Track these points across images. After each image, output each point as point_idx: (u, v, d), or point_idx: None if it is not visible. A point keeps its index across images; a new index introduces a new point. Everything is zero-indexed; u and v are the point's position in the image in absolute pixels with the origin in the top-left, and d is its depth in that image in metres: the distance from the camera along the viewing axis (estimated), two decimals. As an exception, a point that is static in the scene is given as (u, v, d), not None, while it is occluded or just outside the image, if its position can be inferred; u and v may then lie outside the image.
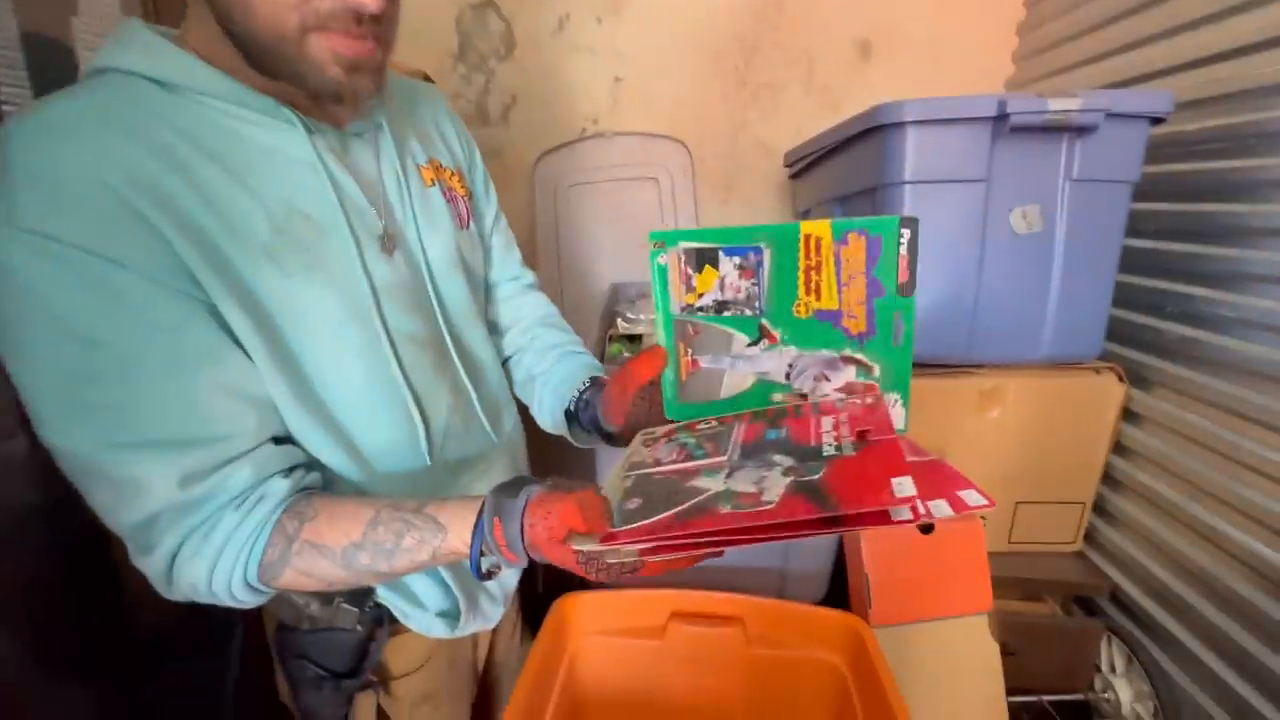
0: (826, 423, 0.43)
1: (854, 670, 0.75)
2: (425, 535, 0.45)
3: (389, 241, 0.55)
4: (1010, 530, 1.06)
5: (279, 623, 0.58)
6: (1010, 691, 0.89)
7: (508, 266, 0.75)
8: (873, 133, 0.94)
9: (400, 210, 0.57)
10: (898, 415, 0.41)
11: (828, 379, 0.43)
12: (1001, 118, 0.85)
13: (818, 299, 0.44)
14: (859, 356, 0.42)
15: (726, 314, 0.47)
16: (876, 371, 0.42)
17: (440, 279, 0.60)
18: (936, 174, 0.90)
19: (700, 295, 0.47)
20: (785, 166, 1.48)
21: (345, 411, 0.52)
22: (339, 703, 0.58)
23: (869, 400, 0.46)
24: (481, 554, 0.45)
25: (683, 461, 0.44)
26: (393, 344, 0.53)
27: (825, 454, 0.39)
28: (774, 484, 0.37)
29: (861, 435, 0.40)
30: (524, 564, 0.44)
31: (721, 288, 0.46)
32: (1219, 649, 0.85)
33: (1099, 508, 1.07)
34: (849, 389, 0.43)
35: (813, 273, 0.44)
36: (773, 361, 0.45)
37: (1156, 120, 0.89)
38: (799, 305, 0.44)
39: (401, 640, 0.60)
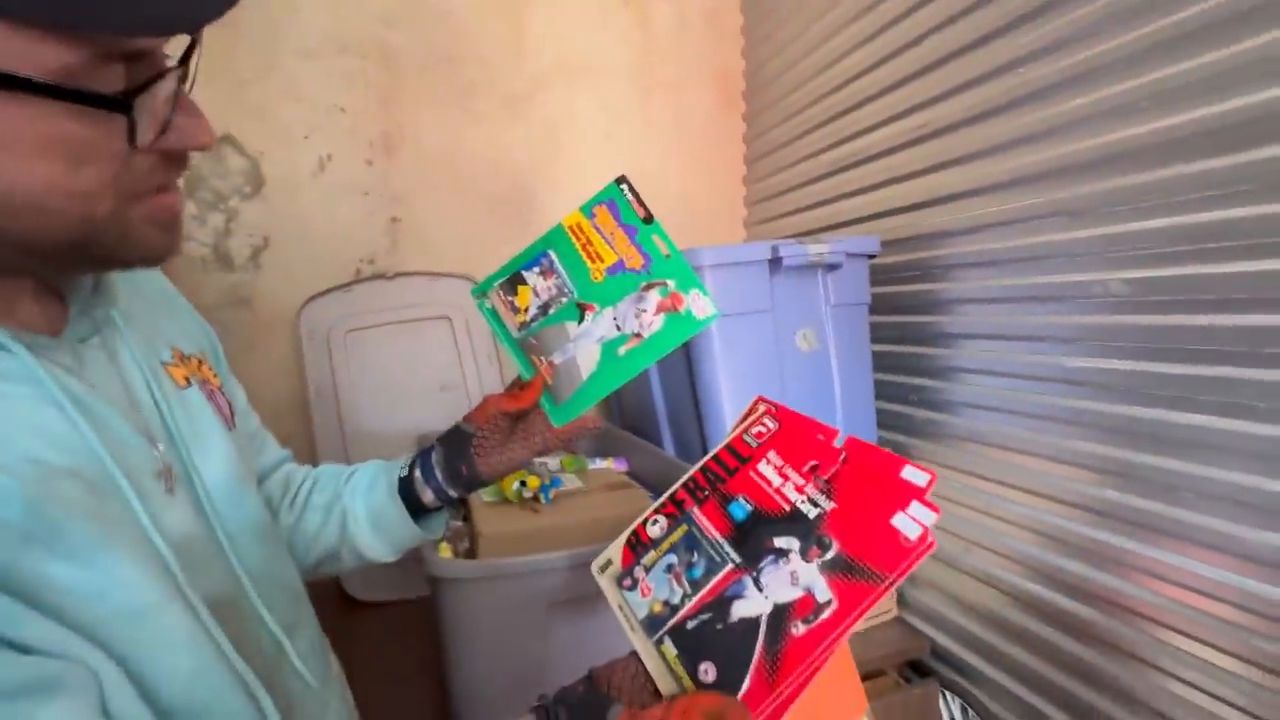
0: (770, 473, 0.49)
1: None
2: None
3: (169, 476, 0.39)
4: (847, 615, 1.15)
5: None
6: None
7: (270, 449, 0.63)
8: (674, 273, 1.02)
9: (162, 430, 0.42)
10: (704, 303, 0.51)
11: (644, 310, 0.53)
12: (775, 260, 1.01)
13: (602, 261, 0.55)
14: (652, 281, 0.53)
15: (551, 312, 0.56)
16: (671, 283, 0.52)
17: (226, 509, 0.45)
18: (733, 308, 1.01)
19: (526, 310, 0.57)
20: (582, 299, 1.54)
21: None
22: None
23: (768, 424, 0.53)
24: None
25: (692, 590, 0.45)
26: (212, 617, 0.38)
27: (811, 515, 0.44)
28: (810, 576, 0.41)
29: (814, 472, 0.46)
30: None
31: (537, 295, 0.57)
32: (1024, 680, 1.01)
33: (902, 573, 1.23)
34: (661, 307, 0.53)
35: (588, 246, 0.55)
36: (603, 325, 0.54)
37: (871, 256, 1.15)
38: (594, 273, 0.55)
39: None
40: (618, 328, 0.53)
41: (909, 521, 0.40)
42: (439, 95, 1.44)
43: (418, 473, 0.59)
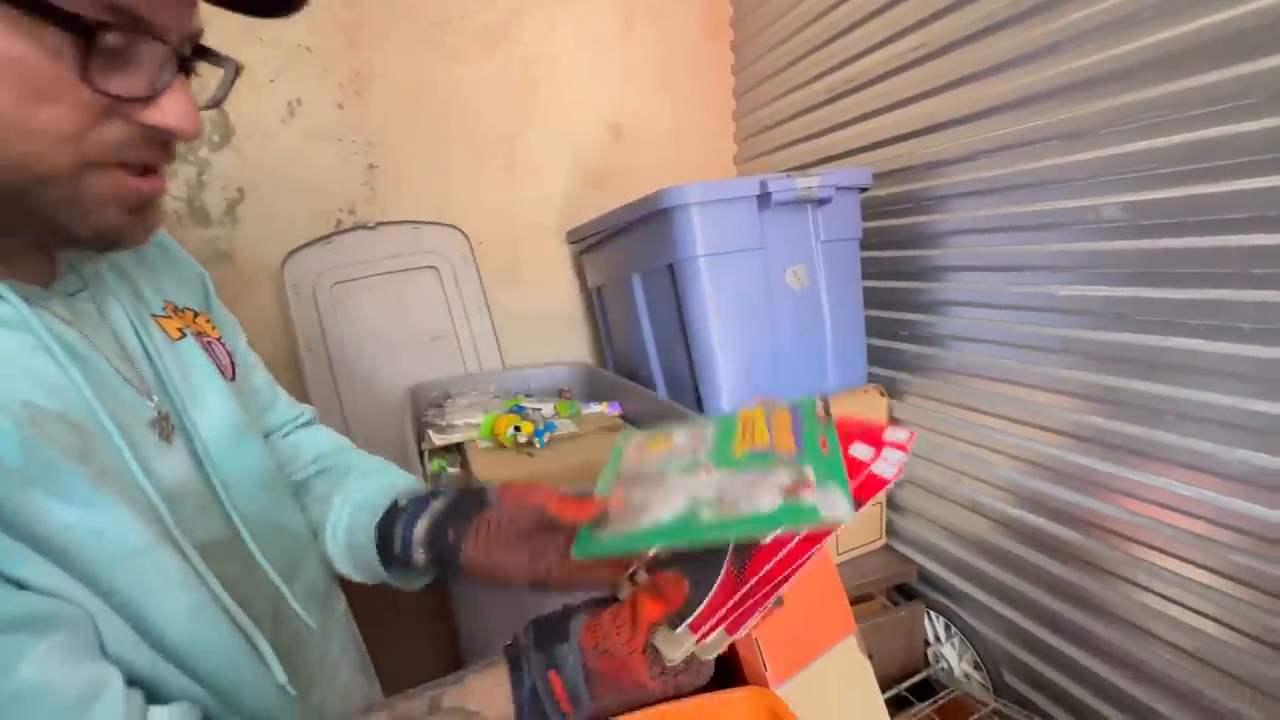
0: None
1: (773, 745, 0.74)
2: None
3: (165, 425, 0.41)
4: (836, 542, 1.19)
5: None
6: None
7: (279, 408, 0.62)
8: (660, 215, 1.00)
9: (155, 381, 0.42)
10: (837, 499, 0.39)
11: (758, 486, 0.40)
12: (764, 195, 0.98)
13: (754, 441, 0.44)
14: (792, 465, 0.41)
15: (670, 464, 0.46)
16: (808, 470, 0.40)
17: (222, 458, 0.45)
18: (722, 246, 0.99)
19: (653, 456, 0.47)
20: (570, 244, 1.51)
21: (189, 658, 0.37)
22: None
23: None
24: None
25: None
26: (202, 560, 0.39)
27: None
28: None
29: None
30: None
31: (673, 446, 0.48)
32: (1006, 598, 1.05)
33: (892, 504, 1.26)
34: (782, 489, 0.40)
35: (749, 428, 0.46)
36: (705, 486, 0.42)
37: (863, 189, 1.12)
38: (737, 447, 0.44)
39: None
40: (720, 498, 0.41)
41: (864, 447, 0.38)
42: (408, 30, 1.36)
43: (401, 522, 0.49)
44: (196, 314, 0.50)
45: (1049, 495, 0.95)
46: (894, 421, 1.23)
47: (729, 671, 0.90)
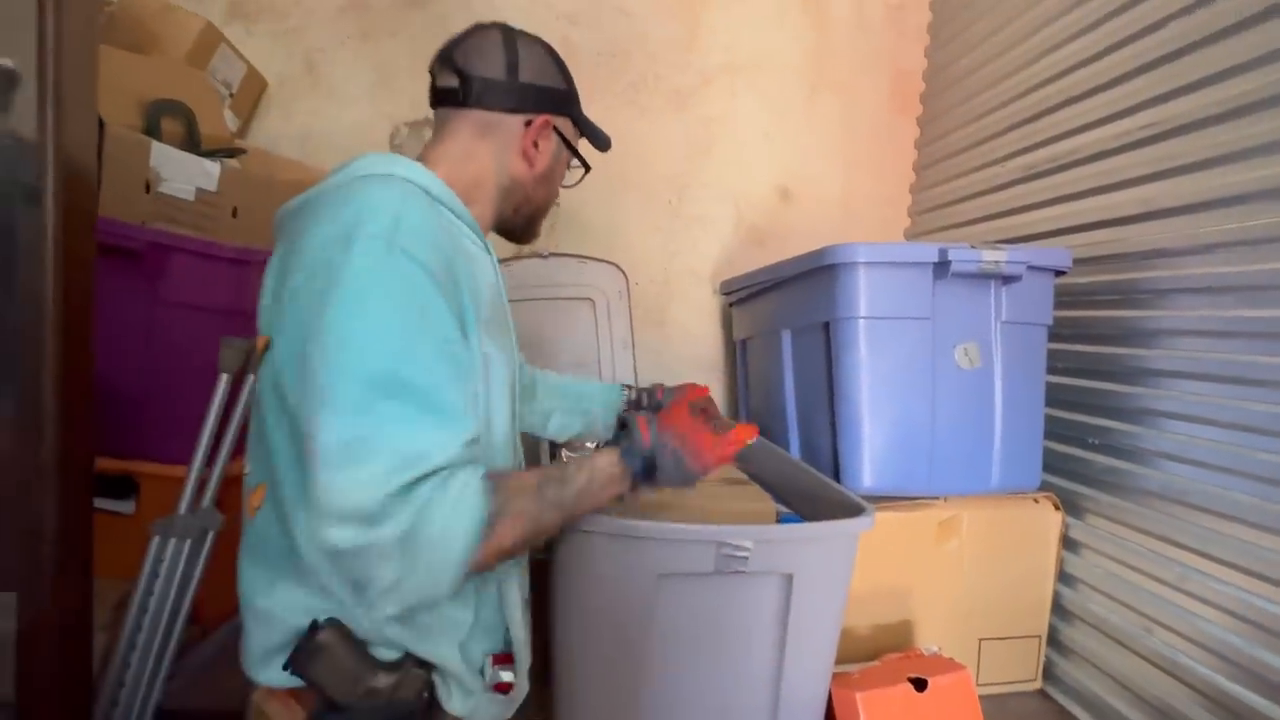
0: None
1: None
2: (578, 462, 0.59)
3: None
4: (978, 671, 1.02)
5: (324, 702, 0.55)
6: None
7: None
8: (824, 271, 0.98)
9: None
10: None
11: None
12: (942, 264, 0.93)
13: None
14: None
15: None
16: None
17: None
18: (886, 311, 0.95)
19: None
20: (722, 295, 1.53)
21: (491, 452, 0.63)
22: None
23: None
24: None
25: None
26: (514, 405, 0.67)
27: None
28: None
29: None
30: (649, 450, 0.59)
31: None
32: (1202, 795, 0.83)
33: (1054, 641, 1.07)
34: None
35: None
36: None
37: (1059, 273, 1.01)
38: None
39: None
40: None
41: None
42: (610, 89, 1.51)
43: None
44: None
45: (1270, 665, 0.75)
46: (1069, 544, 1.06)
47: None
